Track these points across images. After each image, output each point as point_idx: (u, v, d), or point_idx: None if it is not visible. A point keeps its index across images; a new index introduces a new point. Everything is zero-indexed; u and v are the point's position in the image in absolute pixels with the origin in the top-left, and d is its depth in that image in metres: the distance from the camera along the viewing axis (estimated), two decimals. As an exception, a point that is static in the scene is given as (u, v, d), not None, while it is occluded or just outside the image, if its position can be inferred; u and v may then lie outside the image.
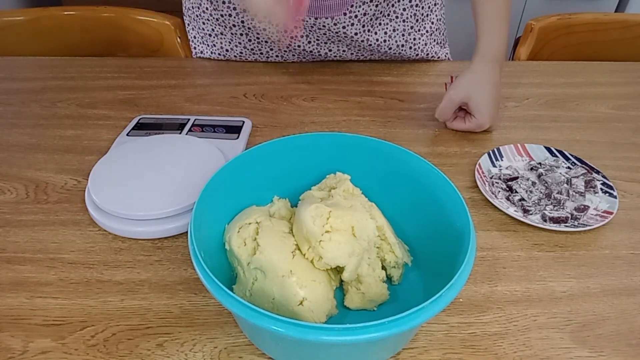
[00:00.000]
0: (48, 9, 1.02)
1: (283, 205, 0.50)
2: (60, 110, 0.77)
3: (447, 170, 0.62)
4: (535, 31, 1.01)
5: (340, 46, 0.87)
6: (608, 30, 1.05)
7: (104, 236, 0.54)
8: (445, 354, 0.43)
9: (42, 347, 0.43)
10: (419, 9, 0.86)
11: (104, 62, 0.91)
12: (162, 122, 0.71)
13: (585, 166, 0.64)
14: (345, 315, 0.46)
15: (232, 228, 0.46)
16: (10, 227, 0.55)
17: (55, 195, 0.59)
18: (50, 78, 0.86)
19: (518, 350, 0.43)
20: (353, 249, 0.42)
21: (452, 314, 0.46)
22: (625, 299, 0.48)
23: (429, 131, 0.73)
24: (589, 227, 0.55)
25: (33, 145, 0.69)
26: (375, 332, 0.32)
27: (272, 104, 0.79)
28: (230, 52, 0.90)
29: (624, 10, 2.00)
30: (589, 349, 0.44)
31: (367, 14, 0.80)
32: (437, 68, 0.91)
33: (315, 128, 0.73)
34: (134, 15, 1.01)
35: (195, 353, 0.43)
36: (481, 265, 0.52)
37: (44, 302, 0.47)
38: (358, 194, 0.49)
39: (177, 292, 0.48)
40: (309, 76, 0.87)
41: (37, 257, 0.51)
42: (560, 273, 0.51)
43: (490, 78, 0.69)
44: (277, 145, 0.50)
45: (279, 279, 0.41)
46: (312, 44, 0.86)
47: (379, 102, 0.80)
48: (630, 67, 0.93)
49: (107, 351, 0.42)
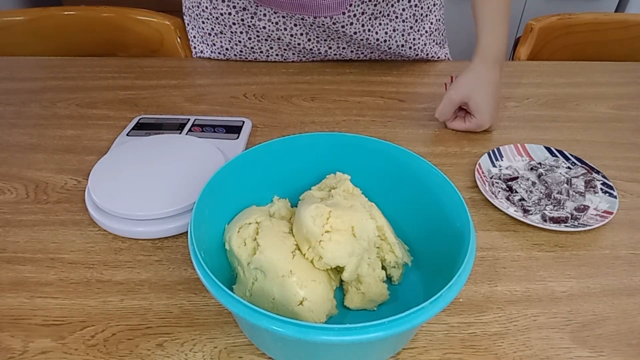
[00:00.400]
0: (48, 9, 1.02)
1: (283, 205, 0.50)
2: (60, 110, 0.77)
3: (447, 170, 0.62)
4: (535, 31, 1.01)
5: (340, 43, 0.87)
6: (608, 30, 1.05)
7: (104, 236, 0.54)
8: (445, 354, 0.43)
9: (42, 347, 0.43)
10: (418, 9, 0.86)
11: (104, 62, 0.91)
12: (162, 122, 0.71)
13: (585, 166, 0.64)
14: (345, 315, 0.46)
15: (232, 228, 0.46)
16: (10, 227, 0.55)
17: (55, 195, 0.59)
18: (50, 78, 0.86)
19: (518, 350, 0.43)
20: (353, 249, 0.42)
21: (452, 314, 0.46)
22: (625, 299, 0.48)
23: (429, 131, 0.73)
24: (589, 227, 0.55)
25: (33, 145, 0.69)
26: (375, 332, 0.32)
27: (272, 104, 0.79)
28: (230, 50, 0.90)
29: (624, 10, 2.00)
30: (589, 349, 0.44)
31: (365, 13, 0.80)
32: (437, 68, 0.91)
33: (315, 128, 0.73)
34: (134, 15, 1.01)
35: (195, 353, 0.43)
36: (481, 265, 0.52)
37: (44, 302, 0.47)
38: (358, 194, 0.49)
39: (177, 292, 0.48)
40: (309, 76, 0.87)
41: (37, 257, 0.51)
42: (560, 273, 0.51)
43: (490, 78, 0.69)
44: (277, 145, 0.50)
45: (279, 279, 0.41)
46: (312, 41, 0.86)
47: (379, 102, 0.80)
48: (630, 67, 0.93)
49: (107, 351, 0.42)
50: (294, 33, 0.84)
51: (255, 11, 0.81)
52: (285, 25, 0.82)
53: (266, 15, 0.81)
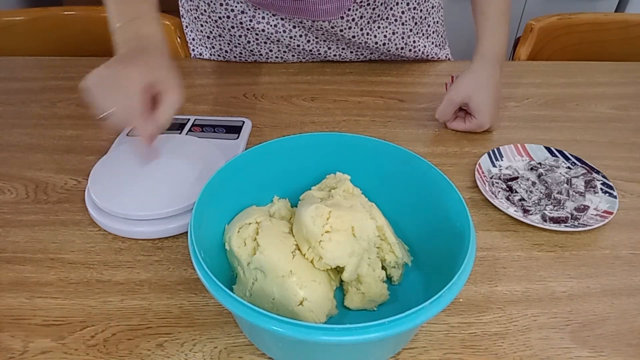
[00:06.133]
0: (48, 9, 1.02)
1: (283, 205, 0.50)
2: (60, 110, 0.77)
3: (447, 170, 0.62)
4: (535, 31, 1.01)
5: (339, 44, 0.87)
6: (608, 30, 1.05)
7: (104, 236, 0.54)
8: (445, 354, 0.43)
9: (42, 347, 0.43)
10: (417, 11, 0.86)
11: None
12: (162, 122, 0.71)
13: (585, 166, 0.64)
14: (345, 315, 0.46)
15: (232, 228, 0.46)
16: (10, 227, 0.55)
17: (55, 195, 0.59)
18: (50, 78, 0.86)
19: (518, 350, 0.43)
20: (353, 249, 0.42)
21: (452, 314, 0.46)
22: (625, 299, 0.48)
23: (429, 131, 0.73)
24: (589, 227, 0.55)
25: (33, 145, 0.69)
26: (375, 332, 0.32)
27: (272, 104, 0.79)
28: (230, 53, 0.90)
29: (624, 10, 2.00)
30: (589, 349, 0.44)
31: (363, 17, 0.80)
32: (437, 68, 0.91)
33: (315, 128, 0.73)
34: (134, 15, 1.00)
35: (195, 353, 0.43)
36: (481, 265, 0.52)
37: (44, 302, 0.47)
38: (358, 194, 0.49)
39: (177, 292, 0.48)
40: (309, 76, 0.87)
41: (37, 257, 0.51)
42: (560, 273, 0.51)
43: (490, 78, 0.69)
44: (277, 145, 0.50)
45: (279, 279, 0.41)
46: (311, 42, 0.85)
47: (379, 102, 0.80)
48: (630, 67, 0.93)
49: (107, 351, 0.43)
50: (293, 35, 0.83)
51: (253, 14, 0.81)
52: (284, 28, 0.82)
53: (265, 18, 0.81)
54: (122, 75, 0.50)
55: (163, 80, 0.51)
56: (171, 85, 0.52)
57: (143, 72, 0.50)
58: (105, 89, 0.50)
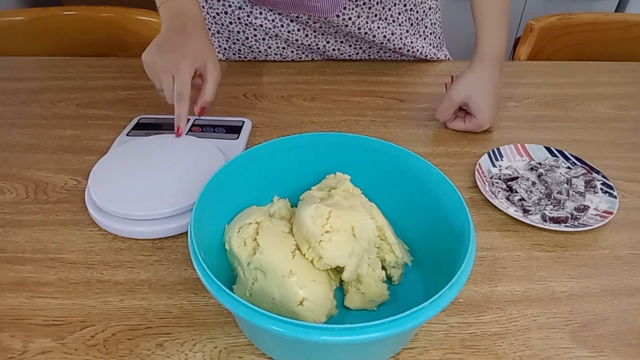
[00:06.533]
0: (48, 9, 1.02)
1: (283, 205, 0.50)
2: (60, 110, 0.77)
3: (447, 170, 0.62)
4: (535, 31, 1.01)
5: (337, 38, 0.87)
6: (608, 30, 1.05)
7: (104, 236, 0.54)
8: (445, 354, 0.43)
9: (42, 347, 0.43)
10: (413, 13, 0.86)
11: (104, 62, 0.91)
12: (162, 122, 0.71)
13: (585, 166, 0.64)
14: (345, 315, 0.46)
15: (232, 228, 0.46)
16: (10, 227, 0.55)
17: (55, 195, 0.59)
18: (50, 78, 0.86)
19: (518, 350, 0.43)
20: (353, 249, 0.42)
21: (452, 314, 0.46)
22: (625, 299, 0.48)
23: (429, 131, 0.73)
24: (589, 227, 0.55)
25: (33, 145, 0.69)
26: (375, 332, 0.32)
27: (272, 104, 0.79)
28: (229, 50, 0.90)
29: (624, 10, 2.00)
30: (589, 349, 0.44)
31: (360, 17, 0.80)
32: (437, 68, 0.91)
33: (315, 128, 0.73)
34: (134, 15, 1.01)
35: (195, 353, 0.43)
36: (481, 265, 0.52)
37: (44, 302, 0.47)
38: (358, 194, 0.49)
39: (177, 292, 0.48)
40: (308, 76, 0.87)
41: (37, 257, 0.51)
42: (560, 273, 0.51)
43: (490, 78, 0.69)
44: (277, 145, 0.50)
45: (279, 279, 0.41)
46: (310, 37, 0.85)
47: (379, 102, 0.80)
48: (630, 67, 0.93)
49: (107, 351, 0.43)
50: (291, 29, 0.83)
51: (251, 10, 0.81)
52: (282, 22, 0.82)
53: (262, 13, 0.81)
54: (172, 67, 0.61)
55: (205, 63, 0.64)
56: (212, 65, 0.65)
57: (189, 63, 0.62)
58: (159, 71, 0.62)
